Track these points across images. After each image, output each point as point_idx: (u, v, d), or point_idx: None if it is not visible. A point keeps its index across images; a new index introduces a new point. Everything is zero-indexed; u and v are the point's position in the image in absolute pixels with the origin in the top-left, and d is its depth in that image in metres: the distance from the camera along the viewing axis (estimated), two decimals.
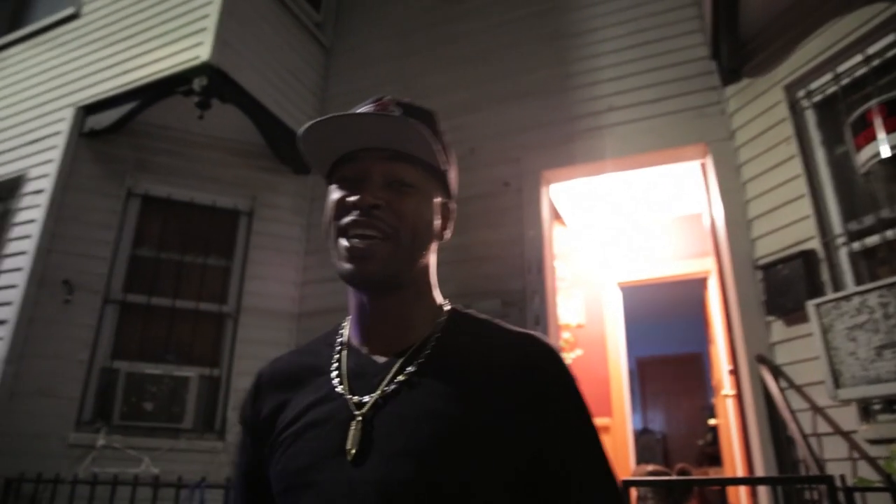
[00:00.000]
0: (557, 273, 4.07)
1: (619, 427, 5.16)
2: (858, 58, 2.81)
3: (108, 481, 2.90)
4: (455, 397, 0.74)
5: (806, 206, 2.94)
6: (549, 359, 0.80)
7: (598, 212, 5.44)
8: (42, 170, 3.98)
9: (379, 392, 0.76)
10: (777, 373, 2.91)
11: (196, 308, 4.02)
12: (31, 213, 3.84)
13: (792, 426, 2.49)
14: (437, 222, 0.86)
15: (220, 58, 3.78)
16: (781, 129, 3.14)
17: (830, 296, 2.49)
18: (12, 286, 3.62)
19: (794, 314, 2.85)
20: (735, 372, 3.21)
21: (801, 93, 3.11)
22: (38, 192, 3.90)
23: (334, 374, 0.82)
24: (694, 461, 6.69)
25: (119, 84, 4.03)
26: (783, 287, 2.89)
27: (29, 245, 3.71)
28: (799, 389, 2.83)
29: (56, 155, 3.97)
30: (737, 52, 3.38)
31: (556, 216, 4.89)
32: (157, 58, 3.95)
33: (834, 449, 2.64)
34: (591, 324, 5.39)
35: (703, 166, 3.61)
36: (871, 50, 2.77)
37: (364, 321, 0.84)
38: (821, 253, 2.83)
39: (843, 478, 1.89)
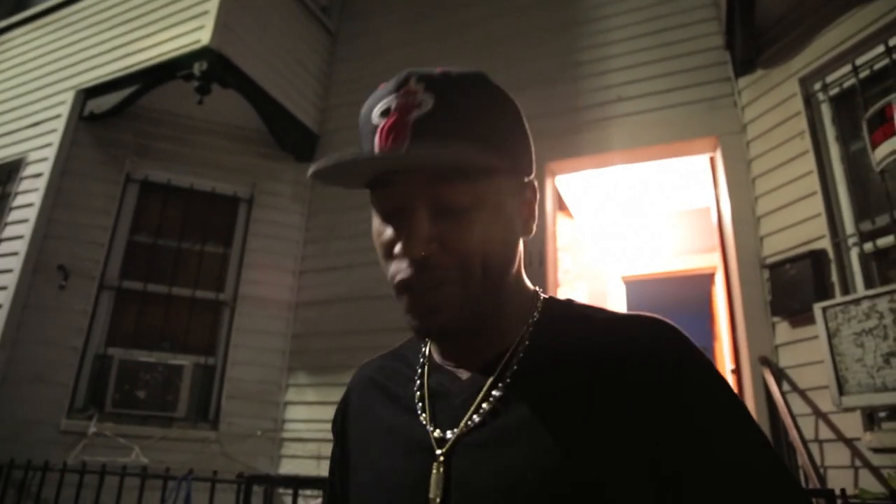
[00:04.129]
0: (562, 265, 3.98)
1: None
2: (879, 49, 2.68)
3: (97, 470, 2.87)
4: (547, 425, 0.61)
5: (817, 205, 2.82)
6: (665, 342, 0.63)
7: (603, 204, 5.33)
8: (41, 153, 3.95)
9: (462, 426, 0.65)
10: (780, 375, 2.81)
11: (192, 296, 3.97)
12: (29, 196, 3.81)
13: (793, 432, 2.39)
14: (517, 221, 0.69)
15: (221, 42, 3.71)
16: (795, 123, 3.01)
17: (839, 299, 2.38)
18: (7, 270, 3.60)
19: (800, 316, 2.75)
20: (737, 372, 3.11)
21: (818, 85, 2.98)
22: (37, 175, 3.87)
23: (416, 394, 0.72)
24: None
25: (120, 67, 3.98)
26: (790, 288, 2.78)
27: (25, 229, 3.67)
28: (802, 394, 2.73)
29: (55, 139, 3.93)
30: (752, 42, 3.25)
31: (562, 207, 4.78)
32: (159, 41, 3.89)
33: (836, 456, 2.54)
34: None
35: (713, 160, 3.49)
36: (894, 41, 2.63)
37: (417, 329, 0.70)
38: (831, 253, 2.72)
39: (843, 492, 1.79)
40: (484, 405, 0.65)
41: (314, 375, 3.92)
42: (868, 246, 2.64)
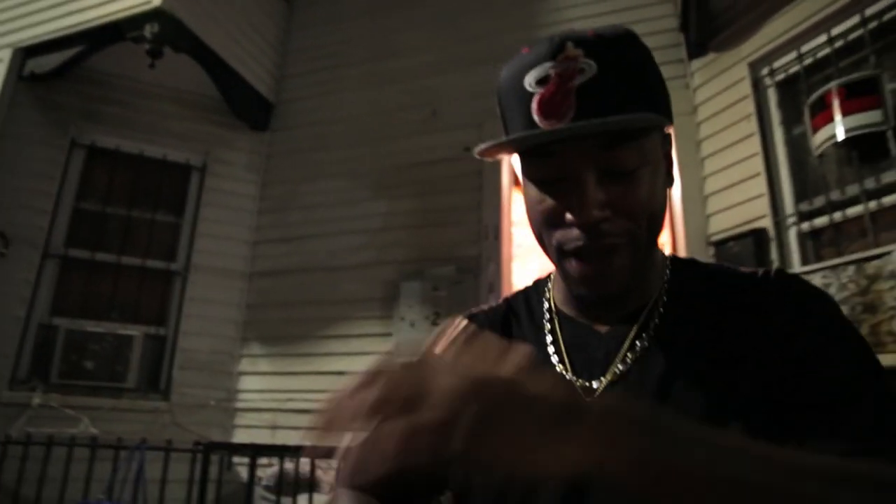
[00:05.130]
0: (515, 240, 4.04)
1: None
2: (822, 38, 2.80)
3: (43, 441, 2.81)
4: (695, 371, 0.63)
5: (761, 185, 2.95)
6: (791, 290, 0.65)
7: None
8: None
9: (609, 375, 0.66)
10: None
11: (143, 265, 3.88)
12: None
13: None
14: (665, 174, 0.69)
15: (173, 3, 3.58)
16: (743, 107, 3.13)
17: None
18: None
19: None
20: None
21: (765, 70, 3.09)
22: None
23: (550, 347, 0.71)
24: None
25: (64, 25, 3.79)
26: (734, 264, 2.91)
27: None
28: None
29: None
30: (706, 25, 3.33)
31: (517, 183, 4.84)
32: None
33: None
34: None
35: None
36: (836, 31, 2.75)
37: (582, 294, 0.70)
38: (771, 232, 2.86)
39: None
40: (629, 355, 0.67)
41: (268, 346, 3.90)
42: (805, 226, 2.79)
